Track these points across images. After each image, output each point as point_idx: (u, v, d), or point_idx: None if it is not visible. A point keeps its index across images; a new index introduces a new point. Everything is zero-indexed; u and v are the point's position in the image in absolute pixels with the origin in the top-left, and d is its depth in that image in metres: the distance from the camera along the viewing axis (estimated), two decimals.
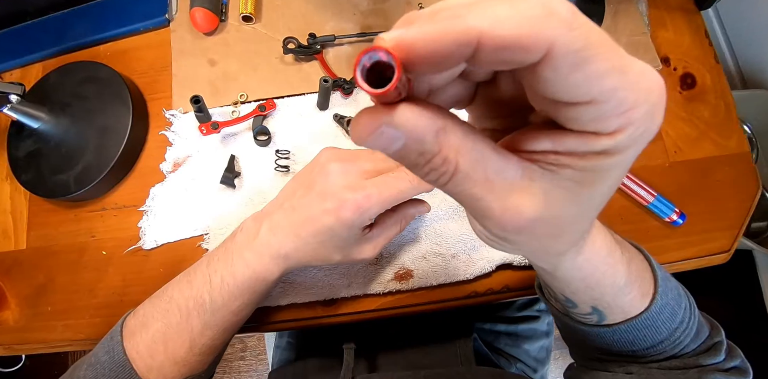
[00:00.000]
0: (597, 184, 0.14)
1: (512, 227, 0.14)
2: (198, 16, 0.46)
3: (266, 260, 0.32)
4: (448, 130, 0.13)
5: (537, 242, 0.16)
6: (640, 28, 0.46)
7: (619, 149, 0.12)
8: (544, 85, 0.11)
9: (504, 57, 0.11)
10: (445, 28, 0.10)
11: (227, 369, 1.17)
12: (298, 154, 0.43)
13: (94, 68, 0.46)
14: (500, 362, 0.55)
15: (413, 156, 0.13)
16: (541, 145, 0.13)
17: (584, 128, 0.12)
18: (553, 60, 0.10)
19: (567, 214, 0.14)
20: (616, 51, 0.11)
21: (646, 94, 0.12)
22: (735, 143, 0.44)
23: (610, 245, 0.23)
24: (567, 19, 0.10)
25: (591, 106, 0.11)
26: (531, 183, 0.14)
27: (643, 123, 0.12)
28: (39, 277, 0.43)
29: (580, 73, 0.11)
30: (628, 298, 0.26)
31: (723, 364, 0.28)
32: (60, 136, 0.44)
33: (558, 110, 0.12)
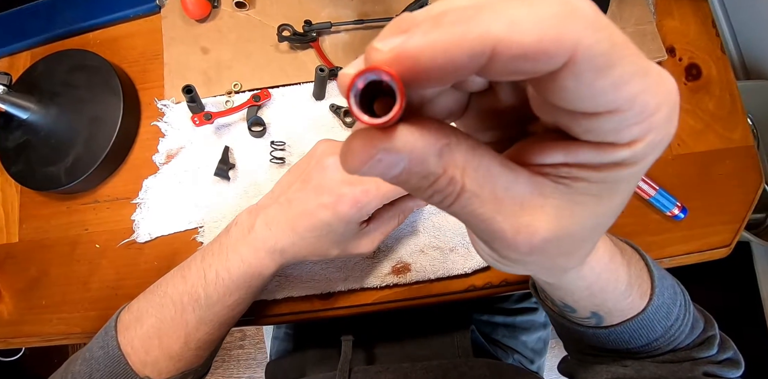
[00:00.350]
0: (613, 197, 0.13)
1: (526, 249, 0.13)
2: (189, 2, 0.44)
3: (262, 255, 0.32)
4: (453, 147, 0.11)
5: (549, 262, 0.14)
6: (647, 17, 0.45)
7: (636, 159, 0.11)
8: (562, 95, 0.10)
9: (521, 67, 0.09)
10: (455, 36, 0.09)
11: (226, 358, 1.18)
12: (293, 146, 0.43)
13: (83, 56, 0.44)
14: (498, 353, 0.55)
15: (415, 180, 0.12)
16: (552, 158, 0.12)
17: (602, 139, 0.11)
18: (577, 65, 0.09)
19: (582, 230, 0.13)
20: (638, 51, 0.10)
21: (666, 96, 0.11)
22: (739, 136, 0.43)
23: (611, 250, 0.23)
24: (591, 18, 0.09)
25: (613, 116, 0.10)
26: (543, 199, 0.12)
27: (663, 129, 0.11)
28: (32, 270, 0.42)
29: (607, 79, 0.09)
30: (628, 301, 0.26)
31: (716, 357, 0.28)
32: (49, 127, 0.43)
33: (573, 121, 0.11)
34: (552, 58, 0.09)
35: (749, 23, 0.77)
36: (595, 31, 0.09)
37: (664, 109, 0.11)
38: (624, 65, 0.10)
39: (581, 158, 0.12)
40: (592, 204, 0.13)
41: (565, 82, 0.09)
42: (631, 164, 0.11)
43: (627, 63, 0.10)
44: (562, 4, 0.09)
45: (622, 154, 0.11)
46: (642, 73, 0.10)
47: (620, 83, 0.10)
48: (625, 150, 0.11)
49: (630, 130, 0.11)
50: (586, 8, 0.09)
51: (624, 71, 0.10)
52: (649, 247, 0.41)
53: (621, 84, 0.10)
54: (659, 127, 0.11)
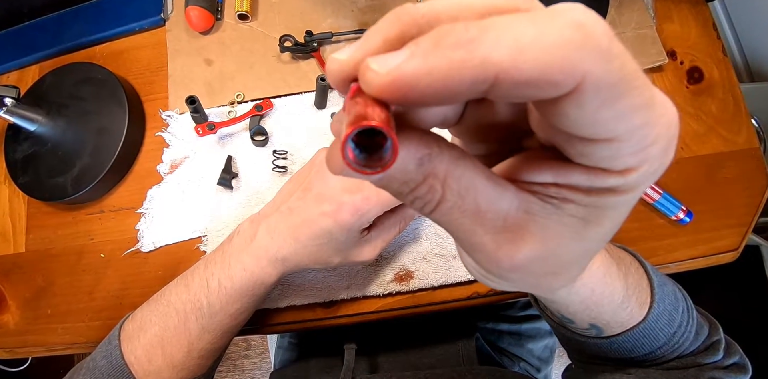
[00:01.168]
0: (602, 222, 0.12)
1: (507, 265, 0.13)
2: (193, 15, 0.45)
3: (264, 264, 0.32)
4: (434, 157, 0.11)
5: (533, 281, 0.14)
6: (646, 21, 0.45)
7: (628, 187, 0.11)
8: (561, 120, 0.10)
9: (524, 93, 0.09)
10: (455, 63, 0.08)
11: (231, 368, 1.18)
12: (295, 155, 0.43)
13: (89, 69, 0.45)
14: (503, 361, 0.54)
15: (395, 186, 0.12)
16: (542, 177, 0.12)
17: (594, 164, 0.11)
18: (582, 96, 0.09)
19: (568, 252, 0.13)
20: (646, 81, 0.10)
21: (666, 129, 0.10)
22: (744, 139, 0.43)
23: (607, 264, 0.23)
24: (605, 47, 0.08)
25: (610, 144, 0.10)
26: (528, 217, 0.12)
27: (658, 160, 0.11)
28: (38, 280, 0.43)
29: (610, 111, 0.09)
30: (627, 312, 0.25)
31: (722, 362, 0.28)
32: (56, 139, 0.43)
33: (568, 143, 0.11)
34: (557, 88, 0.09)
35: (752, 26, 0.77)
36: (606, 62, 0.08)
37: (662, 141, 0.10)
38: (630, 97, 0.09)
39: (572, 180, 0.12)
40: (580, 228, 0.12)
41: (566, 109, 0.09)
42: (622, 192, 0.11)
43: (634, 95, 0.09)
44: (574, 27, 0.08)
45: (614, 182, 0.11)
46: (646, 106, 0.10)
47: (623, 115, 0.09)
48: (618, 178, 0.11)
49: (625, 159, 0.10)
50: (600, 34, 0.08)
51: (629, 104, 0.09)
52: (655, 252, 0.40)
53: (624, 116, 0.09)
54: (654, 159, 0.11)
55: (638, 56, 0.44)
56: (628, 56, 0.09)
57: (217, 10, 0.47)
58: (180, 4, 0.47)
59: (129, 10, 0.48)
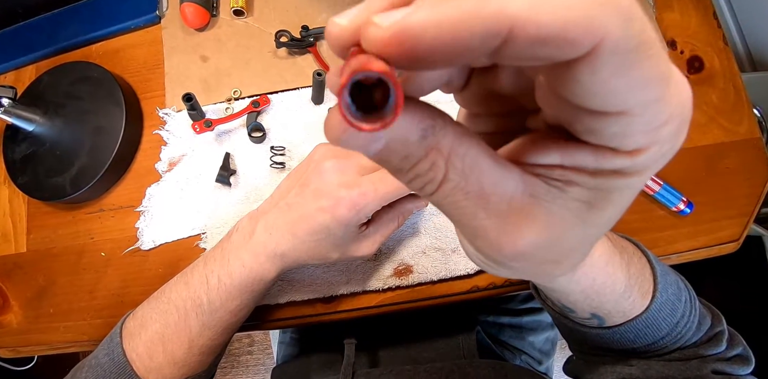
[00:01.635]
0: (606, 206, 0.12)
1: (509, 252, 0.12)
2: (188, 12, 0.45)
3: (263, 260, 0.32)
4: (438, 130, 0.11)
5: (535, 268, 0.14)
6: (646, 10, 0.44)
7: (636, 170, 0.11)
8: (572, 88, 0.09)
9: (537, 53, 0.08)
10: (466, 13, 0.08)
11: (235, 363, 1.19)
12: (293, 150, 0.43)
13: (86, 68, 0.45)
14: (504, 354, 0.54)
15: (396, 160, 0.11)
16: (547, 159, 0.11)
17: (603, 142, 0.10)
18: (598, 59, 0.08)
19: (571, 238, 0.12)
20: (664, 53, 0.09)
21: (680, 109, 0.10)
22: (745, 128, 0.42)
23: (609, 253, 0.22)
24: (626, 7, 0.08)
25: (620, 119, 0.09)
26: (533, 201, 0.11)
27: (669, 142, 0.10)
28: (40, 279, 0.43)
29: (624, 79, 0.08)
30: (629, 301, 0.25)
31: (724, 353, 0.28)
32: (54, 139, 0.43)
33: (577, 118, 0.10)
34: (574, 47, 0.08)
35: (754, 15, 0.76)
36: (627, 23, 0.08)
37: (675, 121, 0.10)
38: (646, 67, 0.09)
39: (578, 161, 0.11)
40: (583, 212, 0.12)
41: (579, 74, 0.08)
42: (629, 174, 0.11)
43: (650, 65, 0.09)
44: None
45: (622, 163, 0.10)
46: (662, 80, 0.09)
47: (637, 86, 0.09)
48: (626, 158, 0.10)
49: (635, 137, 0.10)
50: None
51: (644, 74, 0.09)
52: (656, 243, 0.40)
53: (638, 87, 0.09)
54: (666, 140, 0.10)
55: None
56: (648, 23, 0.09)
57: (213, 7, 0.47)
58: (175, 1, 0.47)
59: (124, 8, 0.48)
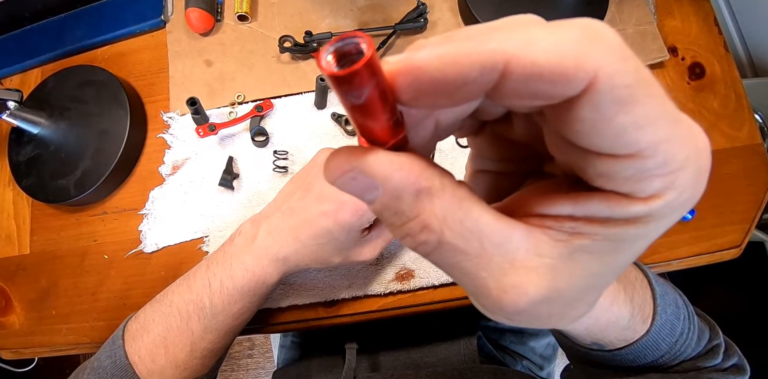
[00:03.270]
0: (616, 257, 0.11)
1: (512, 310, 0.11)
2: (193, 17, 0.45)
3: (265, 263, 0.32)
4: (434, 192, 0.10)
5: (539, 322, 0.13)
6: (647, 17, 0.45)
7: (653, 218, 0.10)
8: (577, 129, 0.09)
9: (536, 88, 0.08)
10: (465, 49, 0.08)
11: (235, 367, 1.18)
12: (296, 155, 0.43)
13: (91, 72, 0.46)
14: (506, 359, 0.54)
15: (388, 214, 0.11)
16: (559, 209, 0.11)
17: (617, 188, 0.10)
18: (597, 94, 0.08)
19: (575, 290, 0.12)
20: (666, 98, 0.09)
21: (696, 154, 0.09)
22: (746, 134, 0.43)
23: (614, 293, 0.22)
24: (617, 47, 0.08)
25: (632, 161, 0.09)
26: (538, 259, 0.11)
27: (688, 190, 0.10)
28: (43, 281, 0.43)
29: (628, 116, 0.08)
30: (630, 331, 0.25)
31: (721, 364, 0.28)
32: (59, 141, 0.44)
33: (587, 162, 0.10)
34: (570, 82, 0.08)
35: (756, 21, 0.76)
36: (619, 60, 0.08)
37: (692, 167, 0.09)
38: (649, 105, 0.09)
39: (590, 210, 0.10)
40: (592, 264, 0.11)
41: (582, 112, 0.09)
42: (643, 223, 0.10)
43: (653, 103, 0.09)
44: (585, 28, 0.08)
45: (637, 210, 0.10)
46: (670, 121, 0.09)
47: (643, 124, 0.09)
48: (641, 205, 0.10)
49: (650, 182, 0.09)
50: (612, 36, 0.08)
51: (649, 111, 0.09)
52: (657, 249, 0.40)
53: (644, 125, 0.09)
54: (683, 187, 0.10)
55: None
56: (643, 66, 0.09)
57: (217, 12, 0.47)
58: (180, 6, 0.47)
59: (129, 13, 0.48)
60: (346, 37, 0.09)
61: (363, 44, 0.09)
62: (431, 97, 0.09)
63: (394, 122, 0.10)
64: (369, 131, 0.10)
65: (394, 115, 0.10)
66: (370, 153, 0.10)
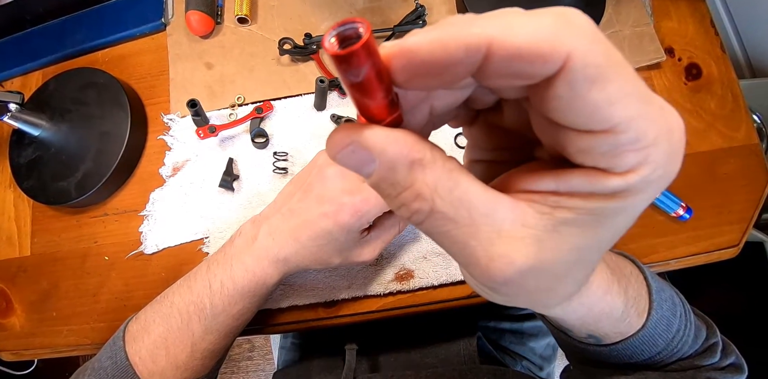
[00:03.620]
0: (598, 231, 0.12)
1: (500, 278, 0.12)
2: (193, 20, 0.46)
3: (265, 264, 0.32)
4: (426, 164, 0.11)
5: (528, 296, 0.14)
6: (643, 19, 0.45)
7: (630, 192, 0.11)
8: (556, 107, 0.10)
9: (517, 68, 0.09)
10: (451, 33, 0.09)
11: (235, 369, 1.18)
12: (296, 156, 0.43)
13: (92, 74, 0.46)
14: (505, 360, 0.54)
15: (384, 185, 0.12)
16: (542, 185, 0.12)
17: (595, 163, 0.11)
18: (572, 73, 0.09)
19: (562, 264, 0.12)
20: (638, 78, 0.10)
21: (668, 132, 0.10)
22: (743, 135, 0.43)
23: (607, 282, 0.22)
24: (589, 31, 0.09)
25: (607, 136, 0.10)
26: (524, 230, 0.12)
27: (662, 166, 0.10)
28: (43, 283, 0.43)
29: (600, 93, 0.09)
30: (625, 323, 0.25)
31: (719, 363, 0.28)
32: (60, 143, 0.44)
33: (567, 140, 0.11)
34: (547, 62, 0.09)
35: (753, 22, 0.77)
36: (590, 43, 0.09)
37: (665, 144, 0.10)
38: (620, 83, 0.09)
39: (572, 185, 0.11)
40: (576, 238, 0.12)
41: (559, 90, 0.10)
42: (622, 197, 0.11)
43: (624, 82, 0.09)
44: (560, 15, 0.09)
45: (615, 184, 0.11)
46: (641, 99, 0.10)
47: (615, 101, 0.09)
48: (618, 180, 0.11)
49: (625, 156, 0.10)
50: (584, 22, 0.09)
51: (620, 89, 0.09)
52: (655, 249, 0.40)
53: (616, 102, 0.09)
54: (657, 162, 0.10)
55: (636, 54, 0.44)
56: (614, 48, 0.10)
57: (217, 15, 0.48)
58: (180, 9, 0.48)
59: (130, 16, 0.49)
60: (347, 23, 0.10)
61: (361, 28, 0.10)
62: (423, 78, 0.10)
63: (389, 101, 0.11)
64: (366, 109, 0.11)
65: (389, 95, 0.11)
66: (367, 128, 0.11)
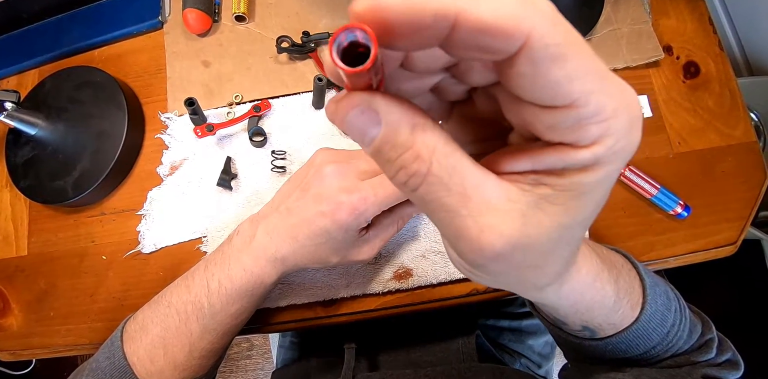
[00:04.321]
0: (579, 207, 0.13)
1: (490, 252, 0.13)
2: (191, 18, 0.45)
3: (263, 263, 0.32)
4: (427, 129, 0.12)
5: (516, 274, 0.14)
6: (642, 17, 0.45)
7: (599, 164, 0.12)
8: (521, 84, 0.11)
9: (482, 41, 0.10)
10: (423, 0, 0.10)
11: (234, 368, 1.18)
12: (294, 155, 0.43)
13: (89, 73, 0.46)
14: (504, 358, 0.54)
15: (387, 148, 0.12)
16: (520, 166, 0.13)
17: (562, 138, 0.12)
18: (532, 51, 0.10)
19: (547, 240, 0.13)
20: (595, 57, 0.11)
21: (625, 105, 0.11)
22: (741, 133, 0.43)
23: (596, 269, 0.23)
24: (549, 13, 0.10)
25: (569, 111, 0.11)
26: (510, 204, 0.13)
27: (624, 136, 0.11)
28: (41, 283, 0.43)
29: (560, 70, 0.10)
30: (618, 314, 0.25)
31: (715, 359, 0.28)
32: (57, 142, 0.44)
33: (535, 118, 0.12)
34: (508, 38, 0.10)
35: (751, 20, 0.77)
36: (550, 23, 0.10)
37: (623, 116, 0.11)
38: (579, 61, 0.10)
39: (546, 163, 0.12)
40: (558, 213, 0.13)
41: (522, 67, 0.10)
42: (593, 169, 0.12)
43: (582, 60, 0.10)
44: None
45: (583, 156, 0.12)
46: (599, 76, 0.11)
47: (574, 77, 0.10)
48: (585, 152, 0.11)
49: (588, 129, 0.11)
50: (546, 5, 0.10)
51: (578, 66, 0.10)
52: (653, 246, 0.40)
53: (575, 78, 0.10)
54: (619, 133, 0.11)
55: (634, 52, 0.44)
56: (573, 30, 0.11)
57: (215, 13, 0.47)
58: (177, 7, 0.47)
59: (127, 14, 0.48)
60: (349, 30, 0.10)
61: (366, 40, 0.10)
62: (391, 37, 0.11)
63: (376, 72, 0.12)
64: (356, 86, 0.12)
65: (380, 74, 0.12)
66: (374, 94, 0.12)
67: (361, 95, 0.12)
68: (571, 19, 0.11)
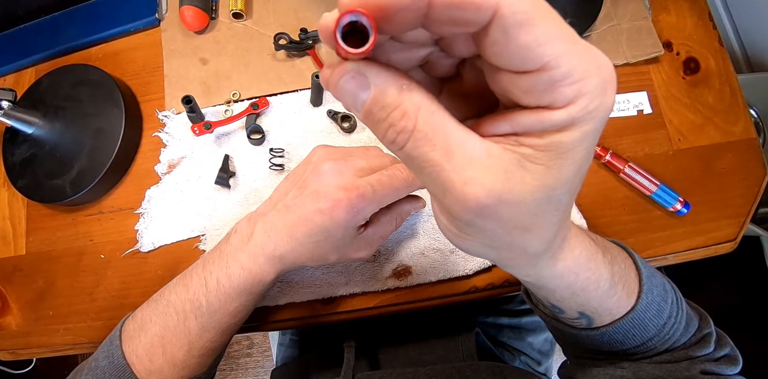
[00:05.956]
0: (561, 168, 0.13)
1: (474, 204, 0.13)
2: (188, 15, 0.45)
3: (261, 262, 0.32)
4: (413, 89, 0.13)
5: (506, 235, 0.15)
6: (641, 13, 0.45)
7: (576, 124, 0.12)
8: (495, 51, 0.12)
9: (456, 15, 0.11)
10: None
11: (234, 366, 1.18)
12: (292, 152, 0.43)
13: (85, 71, 0.45)
14: (504, 355, 0.54)
15: (376, 109, 0.13)
16: (500, 128, 0.14)
17: (539, 102, 0.12)
18: (501, 19, 0.11)
19: (533, 200, 0.14)
20: (564, 24, 0.12)
21: (597, 67, 0.12)
22: (741, 129, 0.43)
23: (590, 250, 0.23)
24: None
25: (542, 74, 0.12)
26: (491, 158, 0.13)
27: (596, 96, 0.12)
28: (39, 282, 0.43)
29: (528, 35, 0.11)
30: (614, 299, 0.25)
31: (713, 354, 0.28)
32: (54, 141, 0.43)
33: (512, 84, 0.12)
34: (479, 10, 0.11)
35: (751, 16, 0.76)
36: None
37: (595, 77, 0.12)
38: (546, 26, 0.11)
39: (525, 125, 0.13)
40: (540, 172, 0.13)
41: (495, 36, 0.11)
42: (569, 129, 0.13)
43: (549, 25, 0.11)
44: None
45: (559, 117, 0.12)
46: (567, 39, 0.11)
47: (543, 41, 0.11)
48: (561, 112, 0.12)
49: (562, 91, 0.12)
50: None
51: (546, 31, 0.11)
52: (653, 243, 0.40)
53: (543, 42, 0.11)
54: (592, 94, 0.12)
55: (634, 48, 0.44)
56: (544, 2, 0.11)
57: (212, 10, 0.47)
58: (174, 4, 0.47)
59: (124, 11, 0.48)
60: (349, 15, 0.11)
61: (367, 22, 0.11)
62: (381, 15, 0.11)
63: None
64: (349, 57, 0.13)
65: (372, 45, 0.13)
66: (363, 62, 0.13)
67: (352, 63, 0.13)
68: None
